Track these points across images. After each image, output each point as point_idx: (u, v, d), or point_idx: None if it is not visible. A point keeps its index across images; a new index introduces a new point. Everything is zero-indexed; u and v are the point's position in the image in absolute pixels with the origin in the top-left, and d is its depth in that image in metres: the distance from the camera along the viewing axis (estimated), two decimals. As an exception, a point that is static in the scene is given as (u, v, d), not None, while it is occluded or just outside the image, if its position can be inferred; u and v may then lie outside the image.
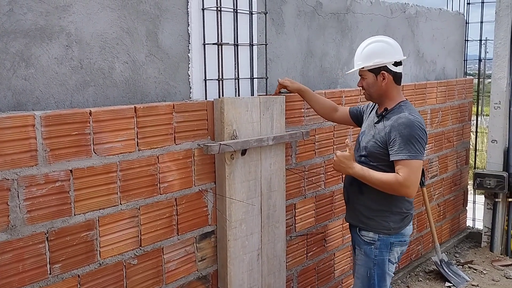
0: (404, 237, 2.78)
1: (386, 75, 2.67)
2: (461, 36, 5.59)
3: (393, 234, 2.73)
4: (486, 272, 4.75)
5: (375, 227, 2.74)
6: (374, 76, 2.69)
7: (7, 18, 1.99)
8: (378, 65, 2.66)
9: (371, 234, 2.75)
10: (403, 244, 2.79)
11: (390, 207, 2.71)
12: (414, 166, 2.53)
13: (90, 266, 2.20)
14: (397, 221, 2.73)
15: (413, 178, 2.54)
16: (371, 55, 2.68)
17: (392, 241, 2.74)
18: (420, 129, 2.58)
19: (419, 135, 2.56)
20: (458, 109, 5.24)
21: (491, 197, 5.23)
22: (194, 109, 2.58)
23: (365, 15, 4.04)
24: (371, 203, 2.75)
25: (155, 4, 2.51)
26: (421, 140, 2.57)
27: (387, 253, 2.75)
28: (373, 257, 2.75)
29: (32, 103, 2.10)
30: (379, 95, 2.73)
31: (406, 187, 2.54)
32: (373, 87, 2.71)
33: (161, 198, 2.46)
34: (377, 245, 2.74)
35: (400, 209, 2.73)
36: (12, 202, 1.92)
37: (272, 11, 3.20)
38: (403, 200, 2.73)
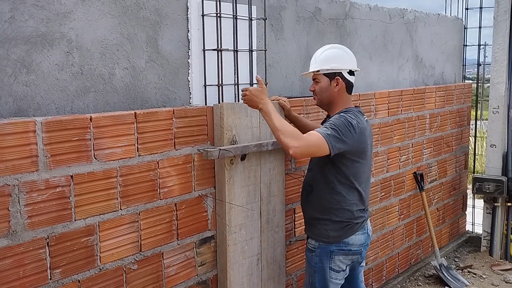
0: (348, 246, 2.70)
1: (340, 81, 2.66)
2: (460, 41, 5.61)
3: (333, 243, 2.69)
4: (485, 277, 4.75)
5: (316, 235, 2.75)
6: (328, 80, 2.68)
7: (9, 25, 2.00)
8: (333, 70, 2.66)
9: (313, 241, 2.76)
10: (348, 253, 2.71)
11: (329, 215, 2.69)
12: (319, 140, 2.44)
13: (90, 271, 2.21)
14: (336, 230, 2.68)
15: (308, 142, 2.44)
16: (328, 60, 2.68)
17: (332, 250, 2.69)
18: (343, 121, 2.52)
19: (338, 124, 2.50)
20: (457, 113, 5.26)
21: (490, 201, 5.24)
22: (194, 114, 2.59)
23: (364, 20, 4.07)
24: (313, 212, 2.78)
25: (155, 10, 2.52)
26: (341, 127, 2.49)
27: (327, 261, 2.70)
28: (313, 265, 2.74)
29: (33, 109, 2.11)
30: (330, 101, 2.71)
31: (296, 139, 2.41)
32: (325, 92, 2.69)
33: (161, 203, 2.47)
34: (317, 253, 2.72)
35: (340, 218, 2.68)
36: (13, 208, 1.93)
37: (272, 17, 3.22)
38: (343, 210, 2.68)
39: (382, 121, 4.06)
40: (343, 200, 2.68)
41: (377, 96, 3.98)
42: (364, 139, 2.62)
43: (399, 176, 4.37)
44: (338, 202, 2.68)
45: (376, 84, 4.31)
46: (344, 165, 2.62)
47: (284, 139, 2.42)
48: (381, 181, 4.13)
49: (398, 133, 4.29)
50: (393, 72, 4.54)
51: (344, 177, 2.64)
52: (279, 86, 3.36)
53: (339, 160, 2.60)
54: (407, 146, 4.45)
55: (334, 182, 2.66)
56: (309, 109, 3.32)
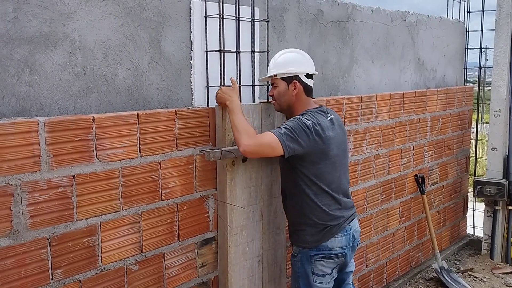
0: (329, 249, 2.65)
1: (298, 84, 2.65)
2: (461, 44, 5.62)
3: (312, 247, 2.66)
4: (486, 280, 4.75)
5: (295, 240, 2.75)
6: (286, 84, 2.67)
7: (12, 25, 2.01)
8: (290, 74, 2.65)
9: (294, 247, 2.77)
10: (329, 257, 2.67)
11: (304, 219, 2.66)
12: (268, 136, 2.47)
13: (91, 271, 2.21)
14: (313, 234, 2.65)
15: (261, 140, 2.45)
16: (285, 64, 2.67)
17: (312, 254, 2.66)
18: (298, 122, 2.51)
19: (292, 125, 2.50)
20: (458, 116, 5.26)
21: (491, 204, 5.23)
22: (196, 115, 2.59)
23: (366, 23, 4.07)
24: (290, 217, 2.79)
25: (158, 11, 2.53)
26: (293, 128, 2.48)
27: (309, 266, 2.68)
28: (296, 269, 2.73)
29: (35, 109, 2.11)
30: (289, 105, 2.70)
31: (248, 137, 2.43)
32: (283, 96, 2.68)
33: (162, 204, 2.47)
34: (299, 258, 2.72)
35: (314, 221, 2.64)
36: (15, 208, 1.93)
37: (274, 18, 3.23)
38: (316, 212, 2.64)
39: (383, 123, 4.06)
40: (313, 203, 2.63)
41: (379, 99, 3.98)
42: (323, 139, 2.57)
43: (400, 178, 4.37)
44: (310, 205, 2.64)
45: (378, 87, 4.31)
46: (304, 167, 2.60)
47: (237, 135, 2.46)
48: (382, 183, 4.13)
49: (399, 135, 4.29)
50: (394, 74, 4.54)
51: (308, 180, 2.61)
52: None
53: (299, 163, 2.59)
54: (409, 148, 4.45)
55: (301, 185, 2.62)
56: (311, 111, 3.32)
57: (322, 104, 3.38)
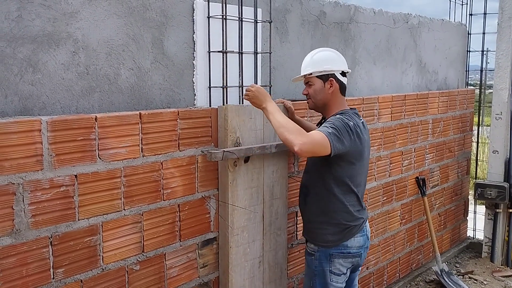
0: (348, 249, 2.69)
1: (334, 82, 2.67)
2: (463, 46, 5.62)
3: (332, 247, 2.68)
4: (486, 283, 4.74)
5: (315, 239, 2.74)
6: (322, 82, 2.67)
7: (16, 24, 2.01)
8: (327, 72, 2.66)
9: (312, 245, 2.76)
10: (348, 256, 2.70)
11: (327, 219, 2.68)
12: (318, 134, 2.42)
13: (93, 271, 2.21)
14: (335, 233, 2.68)
15: (313, 140, 2.39)
16: (320, 62, 2.69)
17: (331, 253, 2.69)
18: (342, 122, 2.51)
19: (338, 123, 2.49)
20: (460, 119, 5.26)
21: (492, 207, 5.23)
22: (198, 116, 2.59)
23: (368, 25, 4.07)
24: (311, 215, 2.77)
25: (161, 11, 2.53)
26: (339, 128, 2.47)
27: (327, 265, 2.69)
28: (313, 268, 2.73)
29: (38, 108, 2.11)
30: (324, 103, 2.71)
31: (301, 137, 2.38)
32: (319, 94, 2.69)
33: (164, 204, 2.47)
34: (317, 256, 2.72)
35: (338, 221, 2.67)
36: (17, 206, 1.93)
37: (277, 20, 3.23)
38: (341, 212, 2.67)
39: (385, 125, 4.06)
40: (341, 202, 2.66)
41: (381, 101, 3.98)
42: (360, 141, 2.60)
43: (401, 180, 4.37)
44: (336, 205, 2.67)
45: (380, 89, 4.31)
46: (340, 166, 2.61)
47: (288, 135, 2.39)
48: (383, 185, 4.13)
49: (400, 137, 4.29)
50: (396, 76, 4.54)
51: (340, 179, 2.63)
52: (283, 89, 3.36)
53: (336, 162, 2.58)
54: (410, 150, 4.45)
55: (331, 184, 2.64)
56: (313, 112, 3.31)
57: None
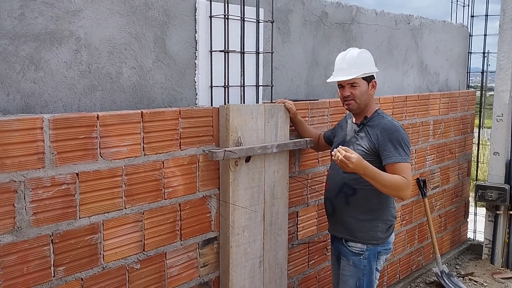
0: (390, 244, 2.84)
1: (376, 83, 2.78)
2: (465, 48, 5.62)
3: (380, 244, 2.76)
4: (486, 285, 4.74)
5: (363, 238, 2.75)
6: (367, 84, 2.74)
7: (19, 22, 2.01)
8: (372, 73, 2.75)
9: (359, 245, 2.76)
10: (389, 252, 2.85)
11: (378, 216, 2.74)
12: (408, 169, 2.60)
13: (93, 269, 2.20)
14: (384, 230, 2.77)
15: (409, 180, 2.59)
16: (365, 63, 2.74)
17: (379, 250, 2.78)
18: (404, 133, 2.68)
19: (406, 139, 2.66)
20: (461, 120, 5.26)
21: (492, 209, 5.23)
22: (200, 115, 2.59)
23: (370, 25, 4.07)
24: (359, 214, 2.75)
25: (163, 10, 2.53)
26: (408, 144, 2.66)
27: (374, 262, 2.77)
28: (362, 268, 2.75)
29: (40, 106, 2.12)
30: (366, 104, 2.76)
31: (408, 189, 2.58)
32: (364, 95, 2.74)
33: (165, 203, 2.47)
34: (366, 255, 2.76)
35: (387, 217, 2.77)
36: (19, 204, 1.93)
37: (279, 20, 3.23)
38: (387, 210, 2.78)
39: (386, 126, 4.05)
40: (387, 199, 2.74)
41: (382, 101, 3.98)
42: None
43: (402, 181, 4.36)
44: (384, 201, 2.74)
45: (381, 90, 4.30)
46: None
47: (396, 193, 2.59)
48: (384, 186, 4.12)
49: (402, 138, 4.28)
50: (397, 77, 4.54)
51: None
52: (285, 89, 3.36)
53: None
54: (411, 152, 4.43)
55: None
56: (314, 113, 3.32)
57: (325, 106, 3.39)
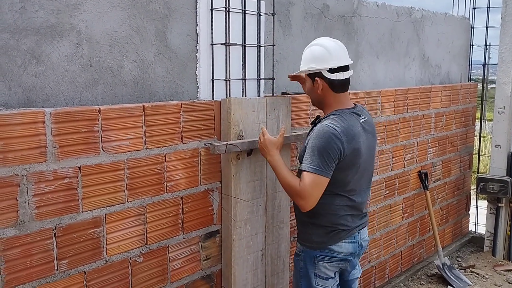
0: (334, 253, 2.51)
1: (319, 82, 2.47)
2: (466, 40, 5.60)
3: (317, 249, 2.53)
4: (488, 277, 4.75)
5: (301, 239, 2.62)
6: (311, 81, 2.54)
7: (19, 15, 2.00)
8: (312, 71, 2.50)
9: (298, 245, 2.64)
10: (333, 260, 2.52)
11: (313, 219, 2.52)
12: (312, 181, 2.34)
13: (96, 263, 2.21)
14: (320, 235, 2.52)
15: (309, 191, 2.35)
16: (307, 59, 2.53)
17: (316, 255, 2.53)
18: (330, 141, 2.35)
19: (325, 148, 2.34)
20: (462, 113, 5.25)
21: (494, 201, 5.23)
22: (202, 108, 2.59)
23: (371, 18, 4.06)
24: (298, 213, 2.62)
25: (164, 3, 2.52)
26: (326, 155, 2.34)
27: (312, 267, 2.54)
28: (299, 269, 2.60)
29: (42, 100, 2.11)
30: (318, 102, 2.58)
31: (300, 198, 2.38)
32: (311, 93, 2.58)
33: (167, 197, 2.47)
34: (302, 257, 2.59)
35: (324, 223, 2.50)
36: (21, 198, 1.94)
37: (280, 12, 3.22)
38: (328, 215, 2.50)
39: (387, 119, 4.06)
40: (328, 205, 2.48)
41: (383, 94, 3.97)
42: (352, 149, 2.41)
43: (403, 174, 4.37)
44: (323, 207, 2.46)
45: (383, 82, 4.30)
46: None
47: (291, 198, 2.53)
48: (386, 179, 4.13)
49: (403, 131, 4.28)
50: (399, 70, 4.53)
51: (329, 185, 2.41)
52: (286, 82, 3.34)
53: None
54: (412, 144, 4.44)
55: None
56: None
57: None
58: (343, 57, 2.52)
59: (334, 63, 2.47)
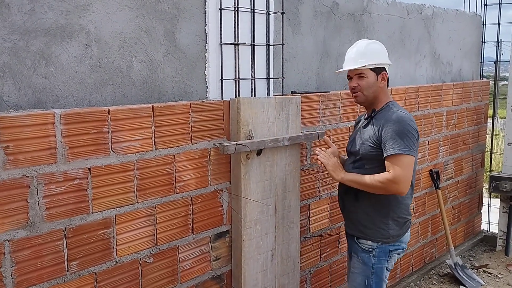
0: (403, 244, 2.72)
1: (386, 75, 2.68)
2: (478, 37, 5.53)
3: (392, 243, 2.67)
4: (501, 276, 4.69)
5: (374, 236, 2.66)
6: (375, 75, 2.64)
7: (29, 16, 2.01)
8: (381, 64, 2.66)
9: (369, 242, 2.68)
10: (401, 251, 2.74)
11: (389, 213, 2.63)
12: (404, 162, 2.47)
13: (106, 264, 2.21)
14: (396, 229, 2.66)
15: (403, 173, 2.46)
16: (375, 54, 2.66)
17: (390, 249, 2.68)
18: (409, 124, 2.54)
19: (409, 130, 2.52)
20: (474, 111, 5.19)
21: (506, 200, 5.17)
22: (211, 108, 2.58)
23: (381, 15, 4.02)
24: (369, 211, 2.67)
25: (173, 3, 2.51)
26: (411, 136, 2.52)
27: (385, 261, 2.69)
28: (371, 266, 2.67)
29: (51, 101, 2.12)
30: (375, 96, 2.67)
31: (395, 183, 2.46)
32: (372, 87, 2.65)
33: (177, 197, 2.47)
34: (376, 253, 2.67)
35: (398, 215, 2.65)
36: (32, 199, 1.94)
37: (289, 11, 3.20)
38: (400, 205, 2.65)
39: (398, 117, 4.01)
40: (401, 197, 2.62)
41: (394, 93, 3.93)
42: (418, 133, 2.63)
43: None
44: (397, 198, 2.62)
45: (393, 80, 4.25)
46: None
47: (384, 191, 2.53)
48: (397, 178, 4.09)
49: (414, 130, 4.23)
50: (410, 68, 4.49)
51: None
52: (296, 81, 3.33)
53: None
54: (423, 143, 4.40)
55: None
56: (326, 105, 3.29)
57: (337, 98, 3.36)
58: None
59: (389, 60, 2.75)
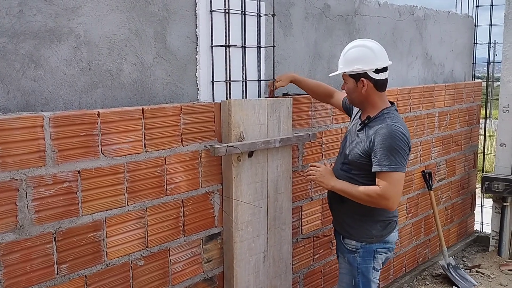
0: (388, 244, 2.73)
1: (366, 82, 2.57)
2: (470, 39, 5.56)
3: (376, 242, 2.68)
4: (493, 277, 4.71)
5: (357, 236, 2.69)
6: (354, 82, 2.60)
7: (17, 19, 2.00)
8: (357, 72, 2.58)
9: (353, 242, 2.70)
10: (388, 251, 2.74)
11: (372, 214, 2.65)
12: (394, 179, 2.47)
13: (97, 266, 2.21)
14: (379, 229, 2.67)
15: (393, 190, 2.48)
16: (351, 61, 2.60)
17: (375, 249, 2.68)
18: (401, 139, 2.50)
19: (401, 146, 2.48)
20: (467, 112, 5.21)
21: (499, 201, 5.19)
22: (202, 110, 2.58)
23: (373, 17, 4.03)
24: (353, 212, 2.69)
25: (163, 6, 2.51)
26: (403, 152, 2.49)
27: (371, 261, 2.69)
28: (356, 266, 2.69)
29: (41, 104, 2.11)
30: (360, 101, 2.66)
31: (385, 199, 2.48)
32: (353, 93, 2.64)
33: (168, 200, 2.47)
34: (360, 253, 2.68)
35: (382, 216, 2.67)
36: (20, 202, 1.93)
37: (280, 13, 3.20)
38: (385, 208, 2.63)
39: (390, 119, 4.02)
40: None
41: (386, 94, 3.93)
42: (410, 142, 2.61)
43: (407, 174, 4.33)
44: None
45: (385, 82, 4.27)
46: None
47: (374, 205, 2.55)
48: (389, 179, 4.10)
49: (406, 131, 4.25)
50: (402, 69, 4.50)
51: None
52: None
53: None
54: (416, 144, 4.42)
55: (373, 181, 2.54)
56: (317, 106, 3.30)
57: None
58: (386, 57, 2.65)
59: (379, 63, 2.59)
